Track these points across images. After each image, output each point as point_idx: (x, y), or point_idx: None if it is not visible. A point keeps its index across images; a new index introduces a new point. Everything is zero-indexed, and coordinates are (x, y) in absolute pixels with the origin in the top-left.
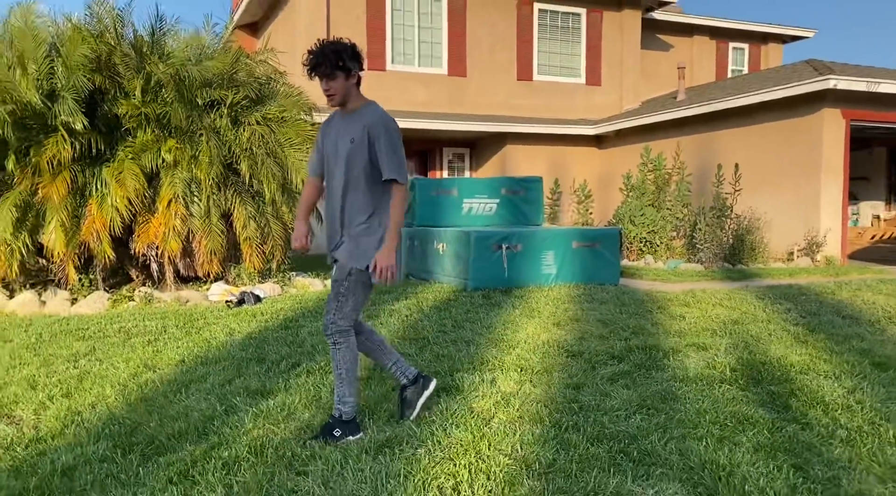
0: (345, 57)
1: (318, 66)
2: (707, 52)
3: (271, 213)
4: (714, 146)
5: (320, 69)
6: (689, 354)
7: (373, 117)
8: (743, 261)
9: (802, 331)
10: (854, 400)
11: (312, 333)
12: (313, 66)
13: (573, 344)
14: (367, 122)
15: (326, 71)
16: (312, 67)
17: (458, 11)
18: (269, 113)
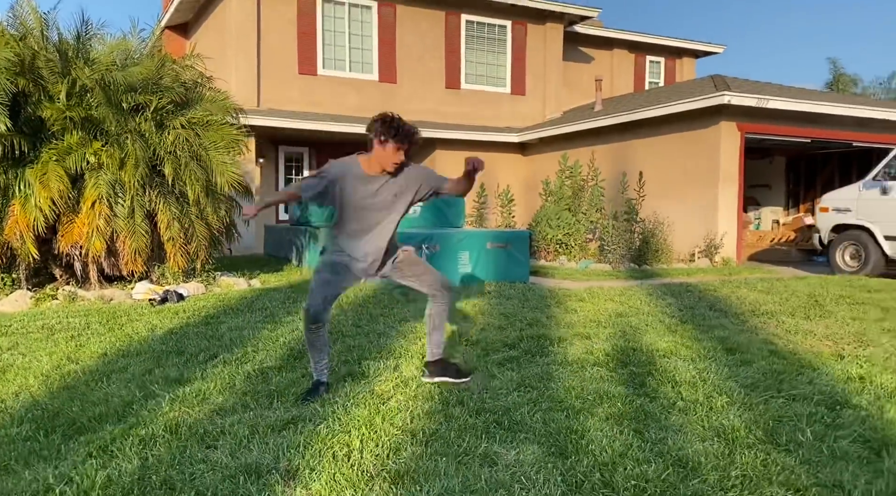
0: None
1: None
2: (626, 64)
3: (196, 214)
4: (627, 154)
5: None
6: (573, 342)
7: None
8: (648, 262)
9: (675, 323)
10: (700, 378)
11: (232, 328)
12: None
13: (474, 334)
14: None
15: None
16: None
17: (388, 20)
18: (195, 117)
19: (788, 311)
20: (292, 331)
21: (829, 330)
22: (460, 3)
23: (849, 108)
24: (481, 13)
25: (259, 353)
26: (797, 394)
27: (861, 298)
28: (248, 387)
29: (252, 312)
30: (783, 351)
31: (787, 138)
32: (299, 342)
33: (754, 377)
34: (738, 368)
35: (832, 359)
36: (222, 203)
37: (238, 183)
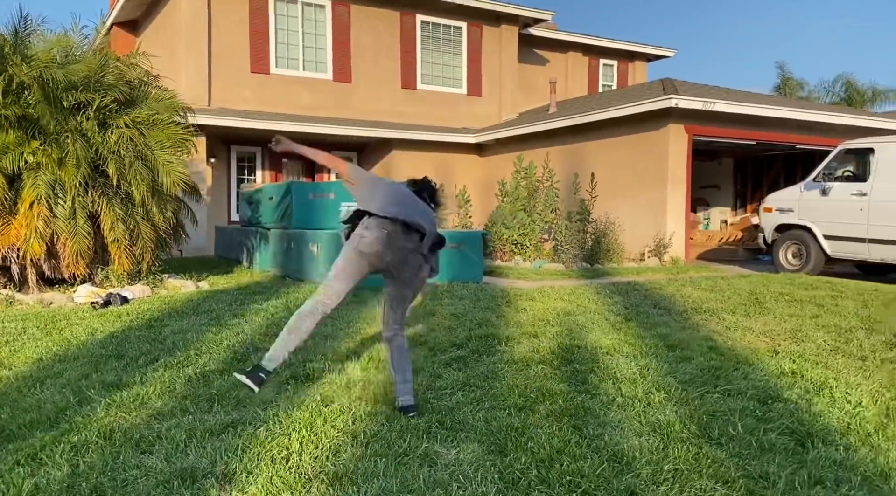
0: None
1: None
2: (580, 67)
3: (141, 214)
4: (580, 156)
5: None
6: (521, 341)
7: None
8: (600, 262)
9: (620, 320)
10: (640, 375)
11: (176, 331)
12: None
13: (423, 334)
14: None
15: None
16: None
17: (343, 20)
18: (140, 116)
19: (730, 309)
20: (237, 334)
21: (767, 326)
22: (415, 3)
23: (791, 112)
24: (437, 14)
25: (202, 357)
26: (732, 390)
27: (799, 296)
28: (189, 391)
29: (198, 315)
30: (722, 347)
31: (734, 140)
32: (243, 345)
33: (692, 373)
34: (678, 364)
35: (767, 354)
36: (169, 203)
37: (185, 183)
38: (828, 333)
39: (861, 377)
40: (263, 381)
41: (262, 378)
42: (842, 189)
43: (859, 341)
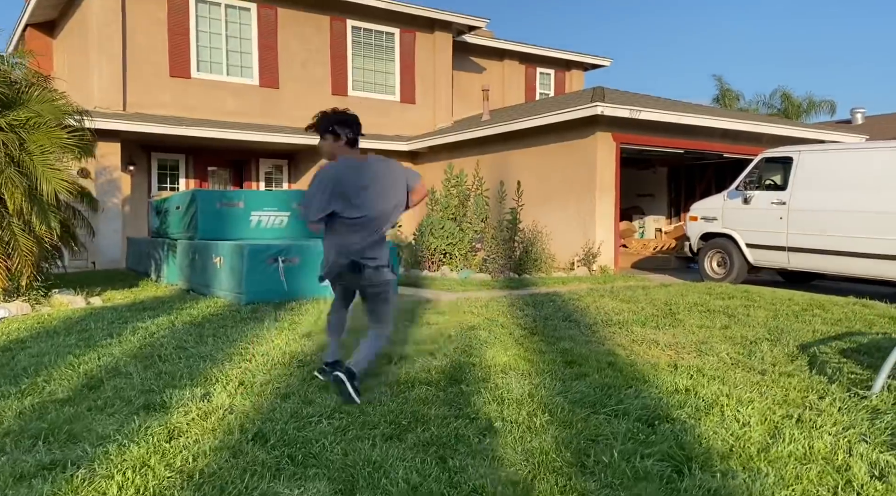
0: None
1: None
2: (517, 75)
3: (18, 225)
4: (511, 164)
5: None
6: (414, 360)
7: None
8: (528, 271)
9: (525, 334)
10: (529, 395)
11: (33, 355)
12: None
13: (310, 355)
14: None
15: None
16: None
17: (269, 23)
18: (19, 118)
19: (641, 320)
20: (100, 358)
21: (675, 339)
22: (346, 8)
23: (716, 121)
24: (368, 20)
25: (51, 384)
26: (620, 410)
27: (714, 306)
28: (17, 426)
29: (69, 335)
30: (621, 362)
31: (662, 149)
32: (100, 369)
33: (584, 392)
34: (572, 382)
35: (667, 369)
36: (51, 213)
37: (77, 190)
38: (733, 345)
39: (756, 392)
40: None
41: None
42: (762, 198)
43: (762, 354)
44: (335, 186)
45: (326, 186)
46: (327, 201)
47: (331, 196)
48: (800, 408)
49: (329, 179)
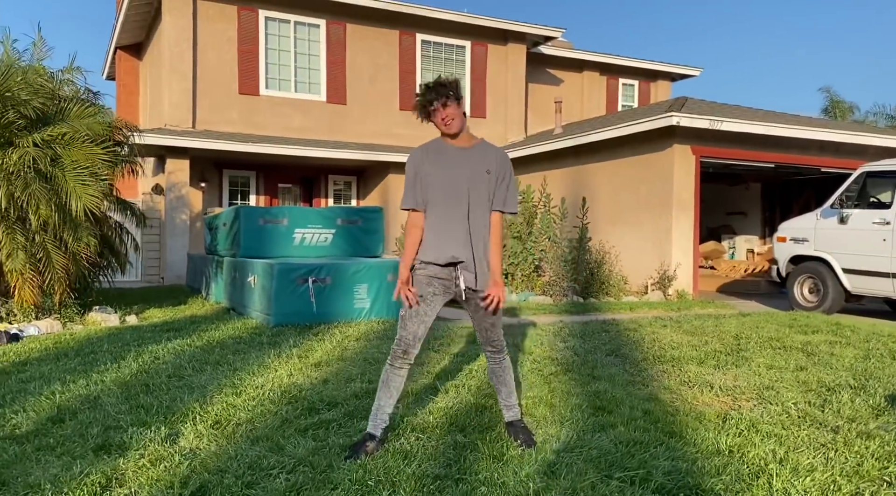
0: (459, 87)
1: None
2: (597, 87)
3: (51, 242)
4: (582, 179)
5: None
6: (421, 398)
7: (501, 152)
8: (594, 295)
9: (557, 371)
10: (536, 450)
11: (23, 380)
12: (433, 93)
13: (308, 388)
14: (498, 155)
15: (443, 98)
16: (433, 95)
17: (338, 40)
18: (54, 134)
19: (699, 357)
20: (88, 385)
21: (735, 382)
22: (416, 22)
23: (810, 132)
24: (438, 33)
25: (19, 416)
26: (639, 475)
27: (792, 341)
28: None
29: (76, 358)
30: (660, 411)
31: (749, 163)
32: (77, 400)
33: (603, 448)
34: (592, 435)
35: (713, 422)
36: (85, 229)
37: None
38: (804, 393)
39: (820, 458)
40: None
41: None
42: (862, 217)
43: (839, 405)
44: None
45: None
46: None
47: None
48: (875, 484)
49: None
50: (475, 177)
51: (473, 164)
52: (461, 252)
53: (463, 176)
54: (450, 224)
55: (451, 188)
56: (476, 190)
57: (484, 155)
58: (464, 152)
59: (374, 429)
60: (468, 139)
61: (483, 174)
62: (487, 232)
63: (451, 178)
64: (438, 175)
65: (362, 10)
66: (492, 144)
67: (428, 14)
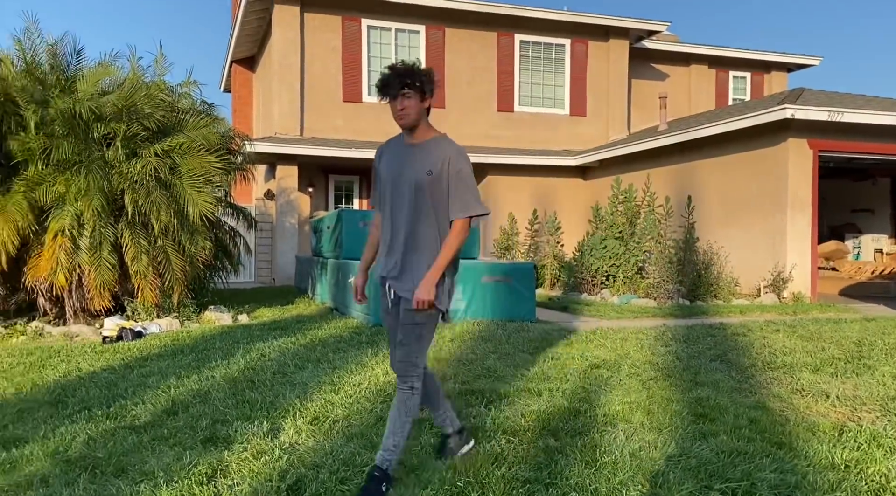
0: (423, 78)
1: (391, 83)
2: (706, 81)
3: (170, 245)
4: (687, 178)
5: (398, 82)
6: (514, 400)
7: (452, 150)
8: (702, 298)
9: (658, 376)
10: (632, 456)
11: (144, 374)
12: (387, 82)
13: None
14: (445, 154)
15: (400, 88)
16: (386, 83)
17: (436, 43)
18: (172, 144)
19: (814, 365)
20: (199, 381)
21: (855, 391)
22: (514, 22)
23: None
24: (537, 32)
25: (137, 408)
26: (742, 488)
27: None
28: (80, 453)
29: (190, 354)
30: (767, 420)
31: (876, 156)
32: (190, 394)
33: (704, 457)
34: (692, 443)
35: (829, 433)
36: (201, 233)
37: (244, 212)
38: None
39: None
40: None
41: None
42: None
43: None
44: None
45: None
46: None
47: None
48: None
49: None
50: (418, 178)
51: (418, 163)
52: (395, 264)
53: (407, 176)
54: (392, 231)
55: (395, 190)
56: (419, 193)
57: (429, 153)
58: (412, 150)
59: (452, 424)
60: (423, 134)
61: (423, 175)
62: (433, 243)
63: (396, 178)
64: (386, 175)
65: (461, 14)
66: (447, 141)
67: (526, 14)
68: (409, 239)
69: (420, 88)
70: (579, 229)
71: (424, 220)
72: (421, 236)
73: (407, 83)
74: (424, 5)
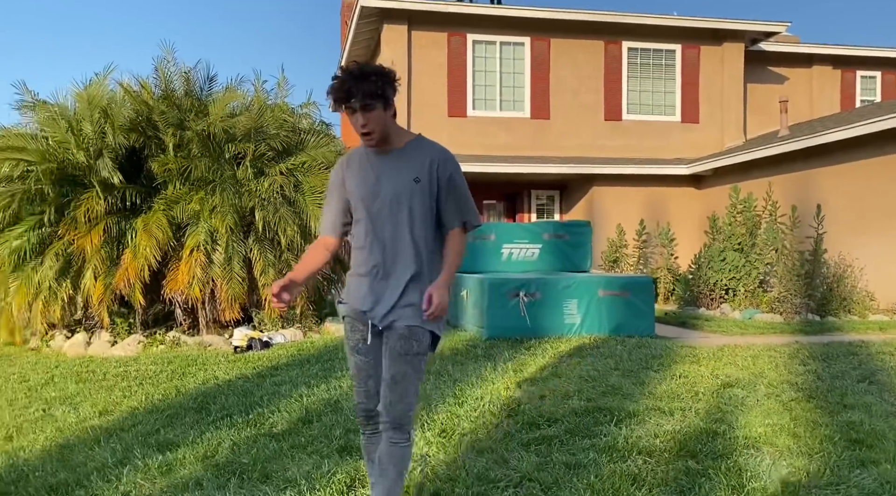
0: (385, 84)
1: (347, 96)
2: (830, 82)
3: (294, 259)
4: (813, 185)
5: (352, 100)
6: (645, 419)
7: (439, 153)
8: (833, 313)
9: (799, 398)
10: (781, 485)
11: (276, 383)
12: (345, 91)
13: (526, 402)
14: (432, 157)
15: (360, 101)
16: (344, 92)
17: (542, 56)
18: (295, 163)
19: None
20: (327, 391)
21: None
22: (622, 30)
23: None
24: (645, 39)
25: (274, 416)
26: None
27: None
28: (226, 458)
29: (317, 363)
30: None
31: None
32: (320, 403)
33: (866, 487)
34: (850, 471)
35: None
36: None
37: None
38: None
39: None
40: None
41: None
42: None
43: None
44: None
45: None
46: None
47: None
48: None
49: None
50: (403, 189)
51: (401, 172)
52: (386, 292)
53: (388, 190)
54: (376, 256)
55: (375, 208)
56: (407, 206)
57: (411, 159)
58: (387, 160)
59: None
60: (397, 139)
61: (411, 184)
62: (434, 259)
63: (372, 194)
64: (358, 194)
65: (567, 24)
66: (428, 142)
67: (635, 21)
68: (404, 260)
69: (383, 96)
70: (692, 240)
71: (420, 235)
72: (418, 254)
73: (369, 93)
74: (530, 17)
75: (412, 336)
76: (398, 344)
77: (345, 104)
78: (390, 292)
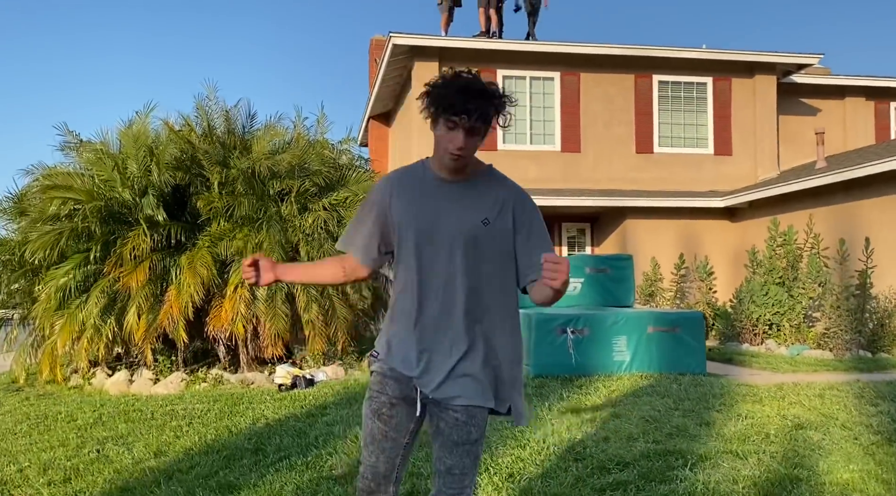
0: (500, 108)
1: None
2: (863, 113)
3: (335, 295)
4: (856, 218)
5: (463, 116)
6: (718, 463)
7: (514, 191)
8: (885, 349)
9: (879, 441)
10: None
11: (329, 423)
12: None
13: (591, 445)
14: (506, 195)
15: (471, 123)
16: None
17: (572, 90)
18: (338, 198)
19: None
20: None
21: None
22: (652, 63)
23: None
24: (676, 72)
25: (333, 457)
26: None
27: None
28: None
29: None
30: None
31: None
32: None
33: None
34: None
35: None
36: (363, 284)
37: None
38: None
39: None
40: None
41: None
42: None
43: None
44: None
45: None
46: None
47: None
48: None
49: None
50: (470, 230)
51: (467, 209)
52: (441, 353)
53: (450, 227)
54: (430, 305)
55: (430, 246)
56: (474, 250)
57: (480, 195)
58: (451, 190)
59: None
60: (468, 168)
61: (477, 226)
62: (510, 314)
63: (430, 228)
64: (411, 225)
65: (597, 59)
66: (500, 176)
67: (665, 54)
68: (471, 313)
69: (490, 122)
70: (728, 273)
71: (487, 285)
72: (490, 309)
73: (485, 116)
74: (560, 52)
75: (471, 420)
76: (454, 431)
77: (451, 116)
78: (442, 357)
